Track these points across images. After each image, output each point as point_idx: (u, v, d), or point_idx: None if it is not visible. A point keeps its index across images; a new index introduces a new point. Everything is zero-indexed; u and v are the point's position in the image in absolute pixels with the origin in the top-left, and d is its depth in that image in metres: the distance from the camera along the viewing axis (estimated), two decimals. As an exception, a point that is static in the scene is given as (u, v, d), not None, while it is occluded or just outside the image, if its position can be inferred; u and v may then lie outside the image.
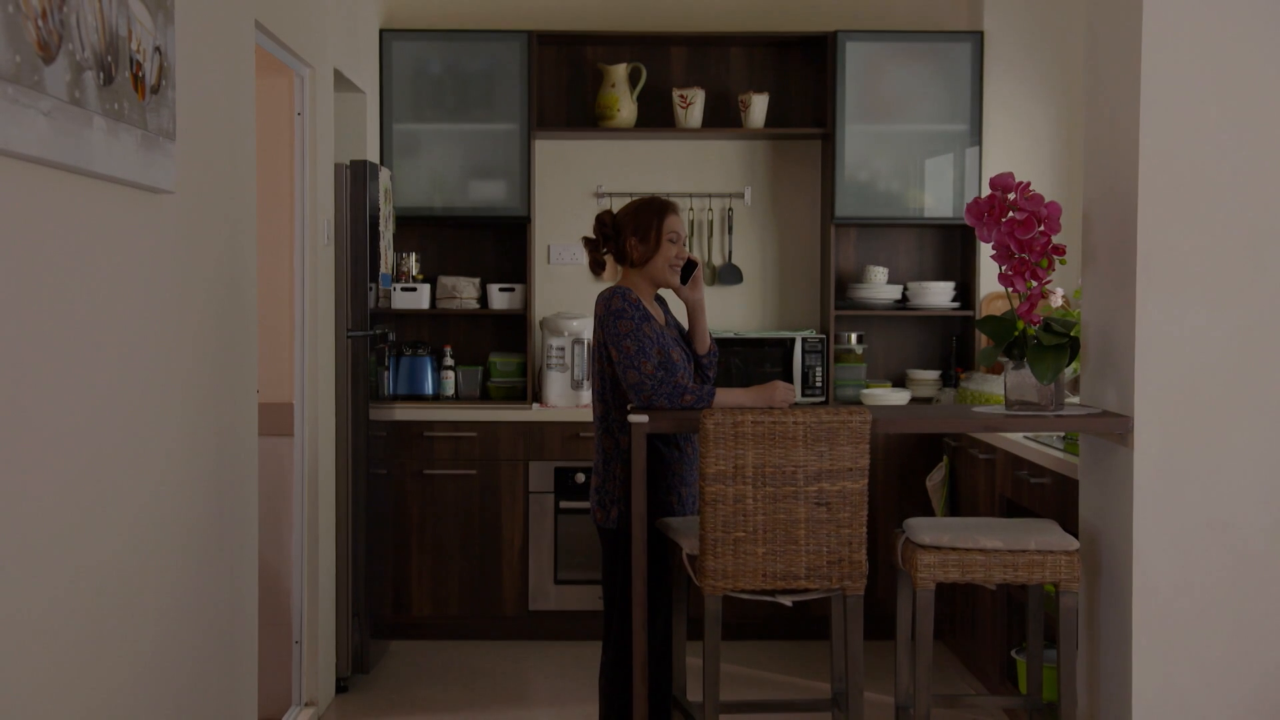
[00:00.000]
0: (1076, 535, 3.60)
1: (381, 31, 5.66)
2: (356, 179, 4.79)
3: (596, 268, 3.82)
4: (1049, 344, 3.34)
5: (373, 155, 5.49)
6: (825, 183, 5.81)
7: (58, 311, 2.38)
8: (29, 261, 2.26)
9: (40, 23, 2.20)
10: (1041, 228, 3.26)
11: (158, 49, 2.77)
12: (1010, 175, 3.35)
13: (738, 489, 3.24)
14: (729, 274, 5.94)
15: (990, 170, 5.68)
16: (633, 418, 3.36)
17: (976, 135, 5.66)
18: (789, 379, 5.64)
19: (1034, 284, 3.32)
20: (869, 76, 5.67)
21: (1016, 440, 4.34)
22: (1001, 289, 5.51)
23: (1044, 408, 3.40)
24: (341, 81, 5.02)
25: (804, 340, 5.66)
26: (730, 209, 5.96)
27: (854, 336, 5.80)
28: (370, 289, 4.89)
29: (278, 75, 4.34)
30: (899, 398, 5.65)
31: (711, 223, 5.97)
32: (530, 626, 5.50)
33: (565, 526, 5.44)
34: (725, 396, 3.43)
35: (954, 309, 5.74)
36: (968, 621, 5.01)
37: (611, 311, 3.57)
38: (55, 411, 2.37)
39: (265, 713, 4.14)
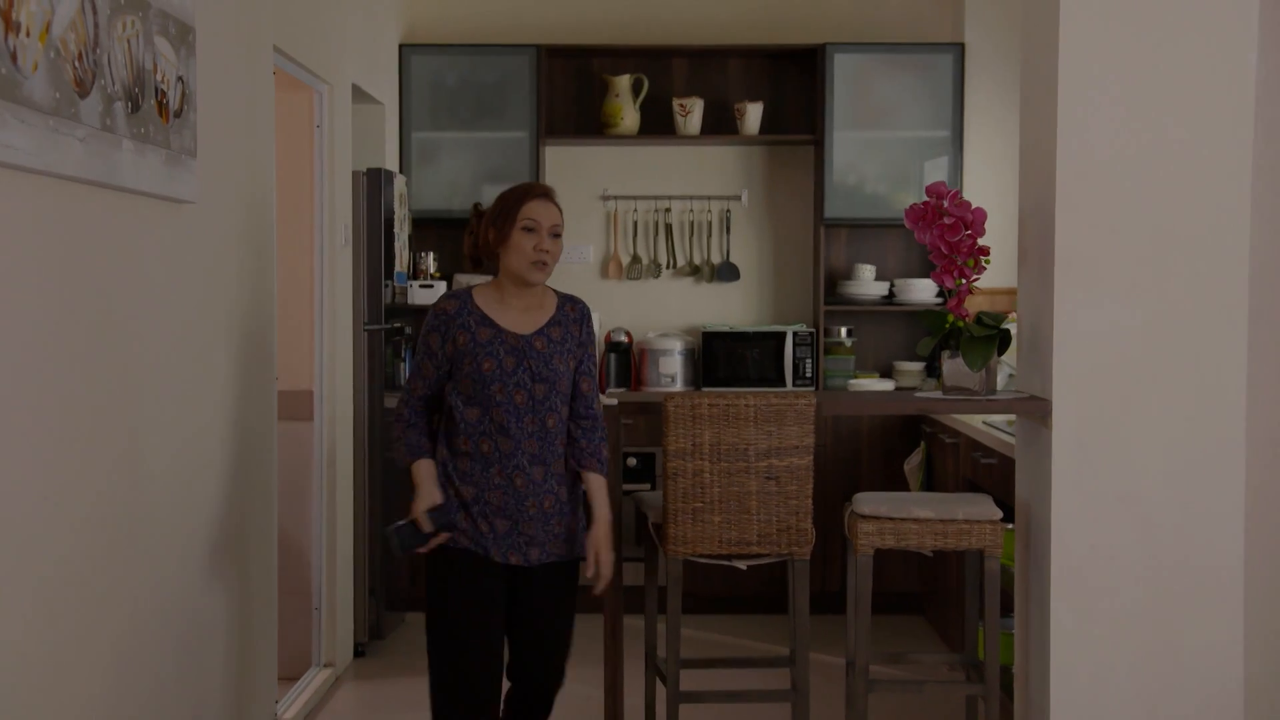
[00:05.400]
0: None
1: (401, 46, 6.09)
2: (372, 185, 5.23)
3: (470, 261, 3.44)
4: (979, 335, 3.71)
5: (392, 162, 5.93)
6: (816, 186, 6.18)
7: (95, 307, 2.81)
8: (70, 263, 2.69)
9: (77, 63, 2.63)
10: (968, 231, 3.63)
11: (180, 78, 3.20)
12: (943, 184, 3.72)
13: (696, 464, 3.63)
14: (727, 271, 6.33)
15: (971, 174, 6.05)
16: (604, 398, 3.73)
17: (958, 141, 6.01)
18: (781, 370, 6.02)
19: (962, 281, 3.69)
20: (857, 86, 6.04)
21: (975, 425, 4.70)
22: (978, 286, 5.87)
23: (976, 392, 3.76)
24: (361, 94, 5.45)
25: (795, 334, 6.03)
26: (728, 211, 6.35)
27: (844, 330, 6.17)
28: (386, 286, 5.32)
29: (298, 92, 4.77)
30: (884, 387, 6.02)
31: (711, 223, 6.36)
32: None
33: (569, 507, 5.85)
34: (414, 466, 3.29)
35: (938, 304, 6.09)
36: (945, 596, 5.38)
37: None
38: (90, 400, 2.80)
39: (287, 671, 4.58)
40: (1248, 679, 3.53)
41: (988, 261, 3.71)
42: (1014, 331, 3.89)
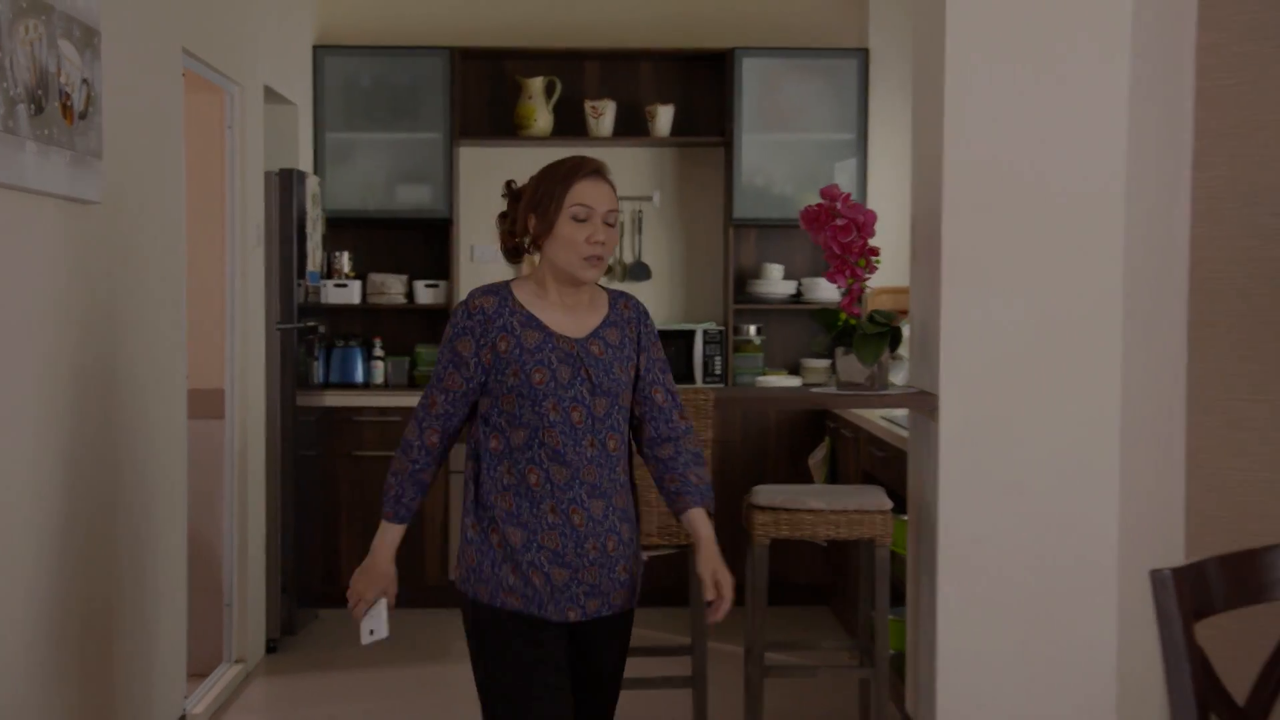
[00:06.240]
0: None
1: (315, 48, 6.14)
2: (284, 185, 5.28)
3: (509, 253, 2.84)
4: (870, 332, 3.85)
5: (305, 163, 5.97)
6: (726, 187, 6.31)
7: (-5, 304, 2.86)
8: (-30, 263, 2.74)
9: (-22, 67, 2.68)
10: (859, 233, 3.77)
11: (85, 80, 3.25)
12: (836, 187, 3.86)
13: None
14: (639, 271, 6.44)
15: (875, 176, 6.21)
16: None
17: (863, 144, 6.18)
18: (691, 368, 6.15)
19: (854, 281, 3.83)
20: (765, 89, 6.19)
21: (874, 420, 4.85)
22: (886, 285, 6.04)
23: (868, 388, 3.91)
24: (274, 95, 5.49)
25: (705, 332, 6.16)
26: (640, 211, 6.46)
27: (753, 329, 6.31)
28: (299, 285, 5.37)
29: (209, 93, 4.81)
30: (791, 384, 6.16)
31: (623, 224, 6.47)
32: (451, 594, 5.98)
33: (482, 503, 5.93)
34: (380, 529, 2.81)
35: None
36: (846, 586, 5.53)
37: (450, 318, 2.75)
38: (-6, 388, 2.85)
39: (198, 668, 4.62)
40: (1120, 662, 3.70)
41: (878, 262, 3.85)
42: (905, 329, 4.04)
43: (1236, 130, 3.78)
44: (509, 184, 2.84)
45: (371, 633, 2.80)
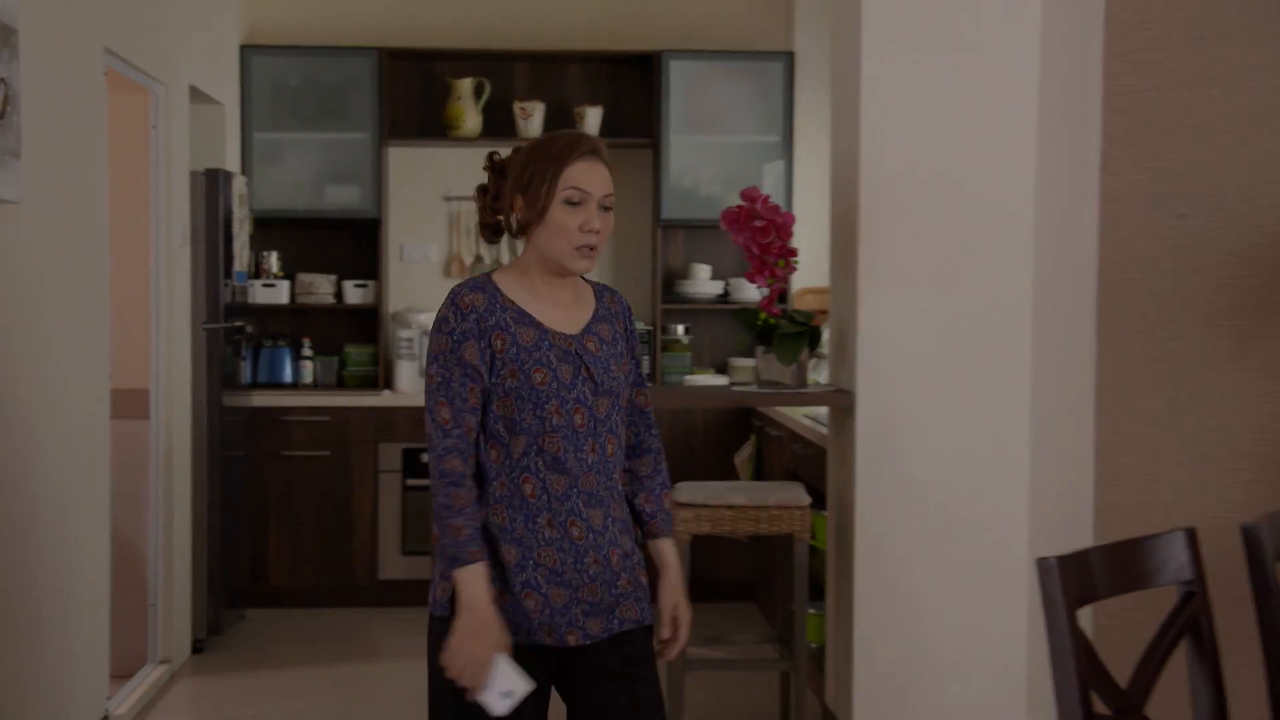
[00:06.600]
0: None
1: (242, 47, 6.12)
2: (210, 185, 5.27)
3: (487, 231, 2.58)
4: (789, 332, 3.93)
5: (233, 163, 5.96)
6: (654, 188, 6.38)
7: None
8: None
9: (-108, 66, 2.68)
10: (778, 235, 3.84)
11: (3, 80, 3.24)
12: (756, 189, 3.92)
13: (521, 456, 3.78)
14: (568, 271, 6.49)
15: (801, 177, 6.30)
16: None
17: (789, 146, 6.27)
18: (620, 367, 6.19)
19: (773, 281, 3.90)
20: (692, 92, 6.26)
21: (797, 419, 4.93)
22: (811, 285, 6.14)
23: (788, 386, 3.98)
24: (200, 95, 5.47)
25: (633, 332, 6.22)
26: (569, 212, 6.50)
27: (681, 328, 6.38)
28: (225, 285, 5.37)
29: (133, 92, 4.79)
30: (719, 383, 6.23)
31: (552, 224, 6.51)
32: (380, 594, 6.01)
33: (411, 502, 5.95)
34: (474, 578, 2.34)
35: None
36: (771, 582, 5.61)
37: (435, 321, 2.47)
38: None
39: (121, 669, 4.60)
40: (1031, 651, 3.80)
41: (796, 263, 3.92)
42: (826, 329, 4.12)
43: (1143, 136, 3.90)
44: (491, 155, 2.57)
45: (508, 694, 2.29)
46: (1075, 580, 1.85)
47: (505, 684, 2.30)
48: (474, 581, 2.33)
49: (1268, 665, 2.10)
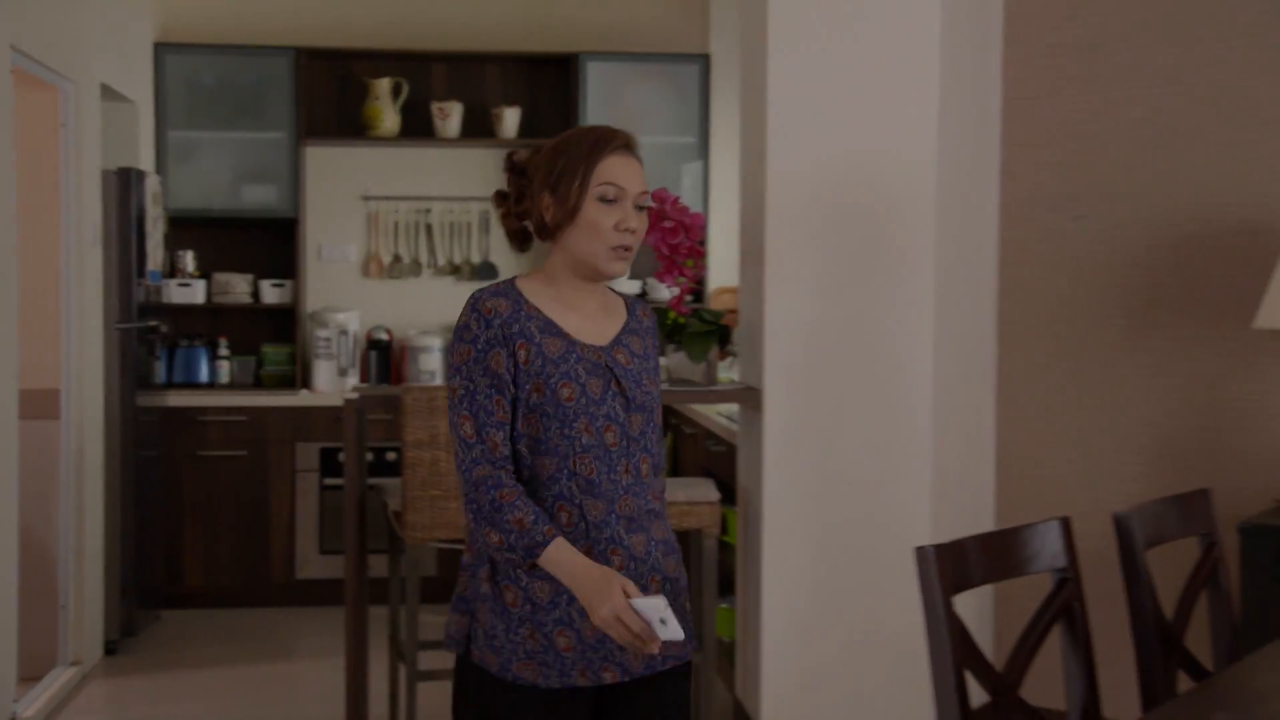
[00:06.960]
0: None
1: (156, 45, 6.09)
2: (122, 184, 5.24)
3: (515, 239, 2.40)
4: (699, 330, 4.00)
5: (147, 162, 5.92)
6: (572, 189, 6.42)
7: None
8: None
9: None
10: (686, 235, 3.91)
11: (-96, 78, 3.22)
12: (665, 190, 3.99)
13: (433, 454, 3.80)
14: (486, 271, 6.51)
15: (717, 178, 6.38)
16: (346, 393, 3.86)
17: (705, 147, 6.35)
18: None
19: (683, 280, 3.97)
20: (609, 93, 6.31)
21: (710, 416, 5.01)
22: (726, 285, 6.21)
23: (698, 383, 4.04)
24: (112, 93, 5.43)
25: (551, 331, 6.26)
26: (487, 211, 6.54)
27: (599, 328, 6.43)
28: (138, 285, 5.33)
29: (42, 90, 4.75)
30: (636, 382, 6.30)
31: (470, 224, 6.54)
32: (297, 593, 6.00)
33: (329, 501, 5.95)
34: (560, 553, 2.15)
35: (689, 302, 6.40)
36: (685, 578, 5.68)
37: (456, 330, 2.28)
38: None
39: (31, 671, 4.57)
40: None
41: (705, 263, 3.98)
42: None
43: (1040, 141, 4.02)
44: (510, 155, 2.38)
45: (664, 620, 2.09)
46: (952, 568, 1.92)
47: (654, 613, 2.07)
48: (560, 558, 2.13)
49: (1137, 648, 2.20)
